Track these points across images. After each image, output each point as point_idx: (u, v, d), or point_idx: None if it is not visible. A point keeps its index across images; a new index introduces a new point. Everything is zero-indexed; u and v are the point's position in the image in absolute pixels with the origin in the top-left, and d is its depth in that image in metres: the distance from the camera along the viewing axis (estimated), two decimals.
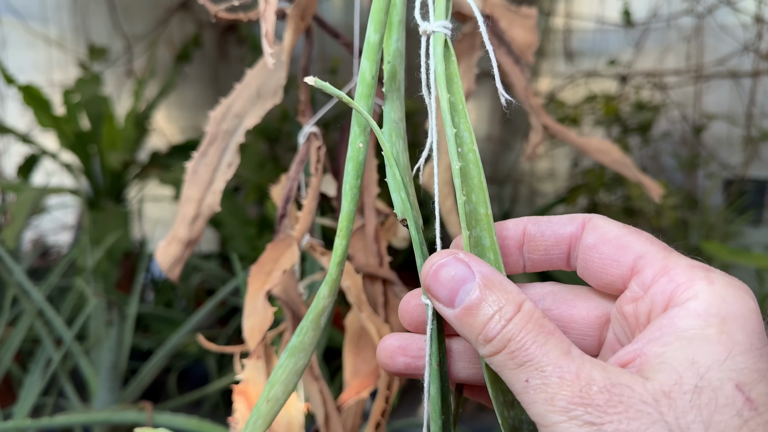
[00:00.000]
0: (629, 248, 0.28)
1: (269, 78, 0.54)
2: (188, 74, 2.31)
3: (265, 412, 0.32)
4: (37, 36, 2.15)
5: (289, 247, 0.53)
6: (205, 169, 0.55)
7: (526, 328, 0.25)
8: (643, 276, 0.27)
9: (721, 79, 2.24)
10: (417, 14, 0.31)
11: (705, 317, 0.24)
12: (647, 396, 0.23)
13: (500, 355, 0.25)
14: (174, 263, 0.57)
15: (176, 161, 2.07)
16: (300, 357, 0.33)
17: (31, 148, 1.98)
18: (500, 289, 0.26)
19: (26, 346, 1.51)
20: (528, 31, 0.69)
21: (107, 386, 1.13)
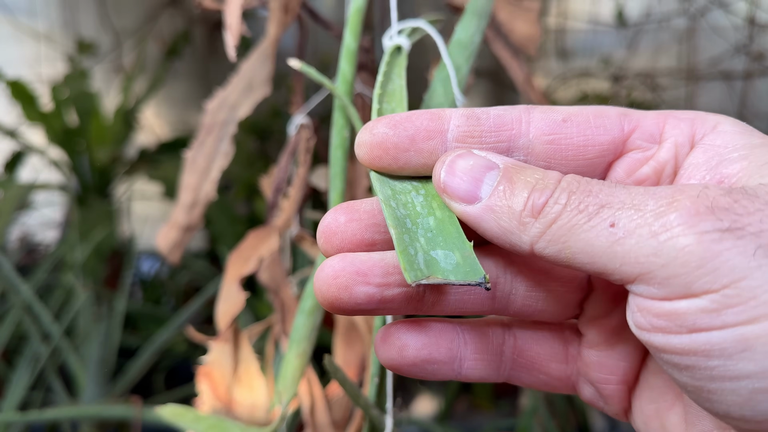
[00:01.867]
0: (606, 111, 0.24)
1: (260, 69, 0.54)
2: (178, 70, 2.30)
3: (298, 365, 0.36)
4: (25, 30, 2.13)
5: (269, 235, 0.52)
6: (203, 158, 0.55)
7: (584, 181, 0.21)
8: (644, 129, 0.24)
9: (713, 80, 2.24)
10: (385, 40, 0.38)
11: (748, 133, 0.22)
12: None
13: (563, 218, 0.20)
14: (174, 247, 0.58)
15: (165, 158, 2.05)
16: (316, 315, 0.37)
17: (18, 143, 1.96)
18: (532, 168, 0.22)
19: (12, 343, 1.49)
20: (530, 23, 0.68)
21: (95, 381, 1.11)
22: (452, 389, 1.45)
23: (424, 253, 0.22)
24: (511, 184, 0.21)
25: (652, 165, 0.24)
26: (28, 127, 1.99)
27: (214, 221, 1.84)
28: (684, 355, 0.19)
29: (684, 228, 0.18)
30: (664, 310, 0.19)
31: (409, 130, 0.24)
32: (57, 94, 1.96)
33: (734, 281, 0.18)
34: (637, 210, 0.19)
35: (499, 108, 0.25)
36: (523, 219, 0.21)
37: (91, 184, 2.04)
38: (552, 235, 0.20)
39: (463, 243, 0.22)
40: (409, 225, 0.23)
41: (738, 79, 2.20)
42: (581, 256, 0.20)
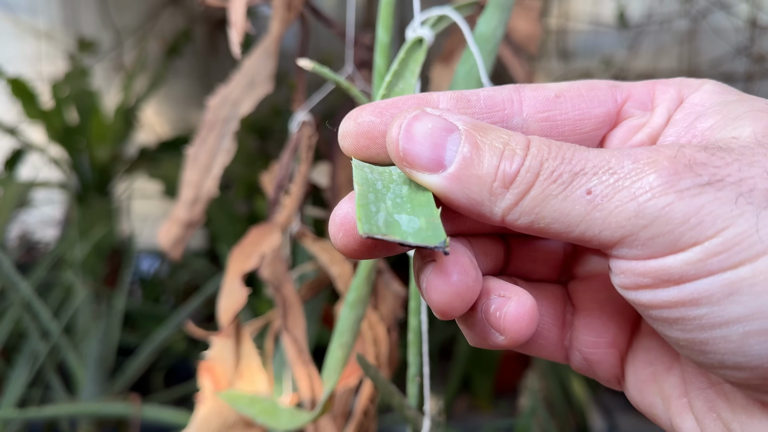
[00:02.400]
0: (597, 84, 0.24)
1: (262, 66, 0.54)
2: (178, 68, 2.29)
3: (340, 356, 0.37)
4: (26, 28, 2.13)
5: (271, 231, 0.52)
6: (205, 155, 0.55)
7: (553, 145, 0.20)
8: (636, 98, 0.24)
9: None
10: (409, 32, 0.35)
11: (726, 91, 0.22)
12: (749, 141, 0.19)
13: (536, 187, 0.19)
14: (175, 243, 0.58)
15: (165, 157, 2.05)
16: (359, 308, 0.36)
17: (18, 141, 1.96)
18: (496, 129, 0.21)
19: (11, 341, 1.49)
20: (530, 22, 0.68)
21: (94, 379, 1.11)
22: (452, 389, 1.44)
23: (387, 214, 0.20)
24: (477, 149, 0.20)
25: (647, 131, 0.23)
26: (29, 125, 1.99)
27: (214, 220, 1.84)
28: (672, 308, 0.19)
29: (664, 187, 0.18)
30: (649, 268, 0.19)
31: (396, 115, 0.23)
32: (57, 92, 1.96)
33: (718, 231, 0.18)
34: (612, 173, 0.19)
35: (488, 89, 0.24)
36: (494, 189, 0.20)
37: (91, 183, 2.04)
38: (525, 206, 0.19)
39: (431, 210, 0.20)
40: (379, 187, 0.22)
41: (739, 81, 2.20)
42: (557, 225, 0.19)
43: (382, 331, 0.48)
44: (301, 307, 0.51)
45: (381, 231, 0.19)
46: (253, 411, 0.43)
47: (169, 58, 2.17)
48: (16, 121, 2.02)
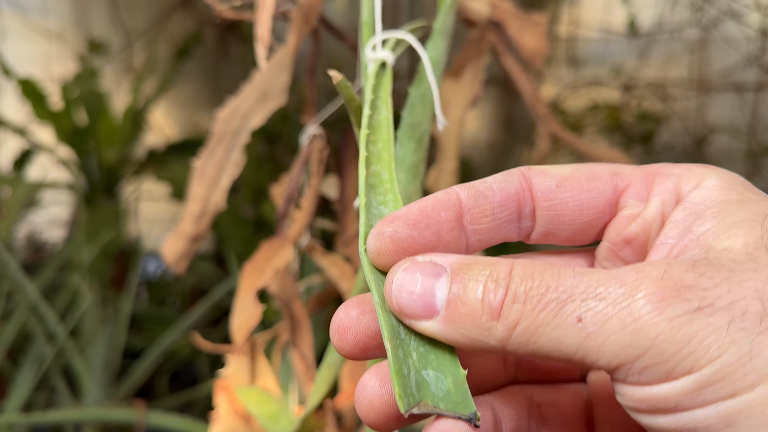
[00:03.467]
0: (599, 173, 0.24)
1: (275, 79, 0.54)
2: (188, 71, 2.30)
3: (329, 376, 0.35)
4: (37, 29, 2.13)
5: (283, 246, 0.52)
6: (212, 168, 0.55)
7: (537, 271, 0.20)
8: (634, 188, 0.24)
9: (724, 92, 2.23)
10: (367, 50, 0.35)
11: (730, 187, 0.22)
12: (740, 256, 0.19)
13: (525, 319, 0.19)
14: (180, 257, 0.57)
15: (173, 159, 2.05)
16: None
17: (26, 142, 1.97)
18: (478, 263, 0.21)
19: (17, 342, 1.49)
20: (538, 38, 0.69)
21: (100, 384, 1.11)
22: None
23: (416, 372, 0.21)
24: (463, 287, 0.21)
25: (639, 223, 0.24)
26: (38, 126, 1.99)
27: (220, 224, 1.84)
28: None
29: (653, 315, 0.18)
30: (646, 395, 0.19)
31: (432, 227, 0.24)
32: (67, 93, 1.96)
33: (711, 360, 0.17)
34: (601, 299, 0.18)
35: (499, 179, 0.25)
36: (484, 324, 0.20)
37: (98, 184, 2.04)
38: (519, 337, 0.19)
39: (456, 368, 0.21)
40: (402, 335, 0.22)
41: (750, 90, 2.19)
42: (557, 353, 0.19)
43: None
44: (309, 323, 0.51)
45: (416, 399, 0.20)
46: (259, 411, 0.43)
47: (179, 60, 2.18)
48: (25, 122, 2.03)
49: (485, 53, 0.64)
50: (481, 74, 0.64)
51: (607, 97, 2.27)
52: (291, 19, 0.52)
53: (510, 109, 2.50)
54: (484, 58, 0.64)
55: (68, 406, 1.14)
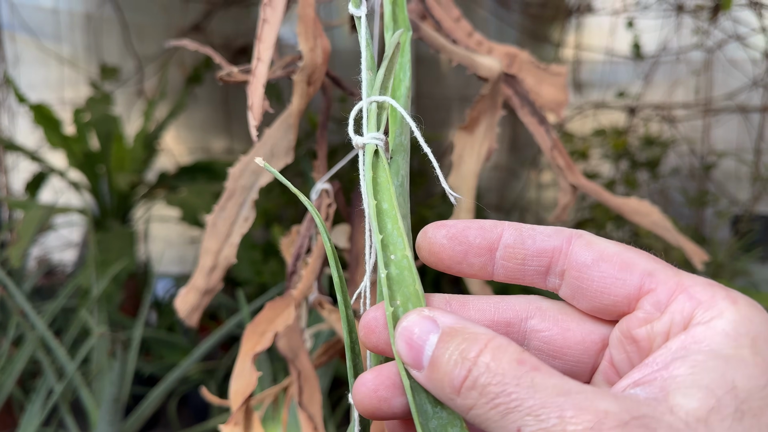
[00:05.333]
0: (634, 265, 0.25)
1: (281, 139, 0.55)
2: (198, 96, 2.32)
3: None
4: (50, 54, 2.17)
5: (286, 307, 0.53)
6: (223, 223, 0.56)
7: (501, 366, 0.21)
8: (656, 294, 0.24)
9: (729, 114, 2.24)
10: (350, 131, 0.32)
11: (735, 337, 0.22)
12: (678, 423, 0.20)
13: (478, 408, 0.21)
14: (192, 311, 0.58)
15: (183, 182, 2.07)
16: None
17: (39, 165, 1.99)
18: (463, 332, 0.23)
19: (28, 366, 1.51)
20: (558, 89, 0.68)
21: (108, 419, 1.12)
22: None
23: None
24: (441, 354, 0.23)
25: (647, 330, 0.24)
26: (50, 149, 2.02)
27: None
28: None
29: None
30: None
31: (464, 245, 0.27)
32: (79, 118, 1.99)
33: None
34: (539, 421, 0.20)
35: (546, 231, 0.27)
36: (449, 395, 0.22)
37: (109, 207, 2.07)
38: (474, 418, 0.22)
39: None
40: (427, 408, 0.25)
41: (755, 112, 2.20)
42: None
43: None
44: (317, 381, 0.52)
45: None
46: None
47: (190, 85, 2.21)
48: (37, 146, 2.05)
49: (500, 106, 0.63)
50: (495, 127, 0.64)
51: (612, 119, 2.28)
52: (294, 81, 0.53)
53: (515, 132, 2.51)
54: (499, 111, 0.64)
55: None
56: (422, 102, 2.48)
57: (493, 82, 0.61)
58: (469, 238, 0.27)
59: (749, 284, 1.82)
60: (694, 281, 0.24)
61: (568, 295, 0.27)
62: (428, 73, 2.46)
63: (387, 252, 0.27)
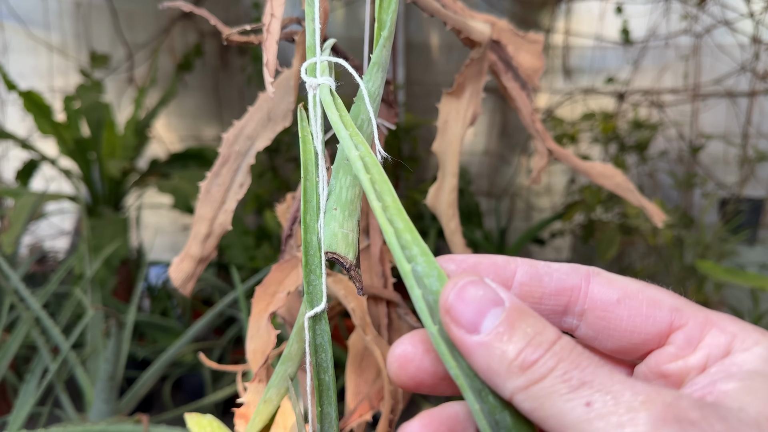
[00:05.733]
0: (661, 302, 0.25)
1: (279, 102, 0.55)
2: (189, 83, 2.32)
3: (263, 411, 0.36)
4: (39, 42, 2.16)
5: (294, 268, 0.53)
6: (217, 189, 0.55)
7: (576, 351, 0.21)
8: (688, 330, 0.24)
9: (717, 99, 2.26)
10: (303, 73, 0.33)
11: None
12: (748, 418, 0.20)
13: (547, 381, 0.21)
14: (186, 279, 0.58)
15: (175, 169, 2.07)
16: (288, 365, 0.35)
17: (30, 153, 1.99)
18: (534, 318, 0.22)
19: (21, 351, 1.51)
20: (535, 56, 0.69)
21: (103, 397, 1.12)
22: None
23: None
24: (511, 329, 0.22)
25: (680, 365, 0.24)
26: (41, 137, 2.01)
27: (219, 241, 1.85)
28: None
29: (648, 428, 0.19)
30: None
31: None
32: (69, 106, 1.98)
33: None
34: (613, 397, 0.20)
35: (563, 269, 0.26)
36: (510, 368, 0.21)
37: (101, 195, 2.06)
38: (533, 392, 0.21)
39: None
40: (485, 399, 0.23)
41: (743, 97, 2.22)
42: (553, 421, 0.21)
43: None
44: None
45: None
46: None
47: (180, 72, 2.20)
48: (28, 134, 2.05)
49: (485, 72, 0.64)
50: (480, 93, 0.65)
51: (601, 105, 2.30)
52: (296, 42, 0.53)
53: (506, 118, 2.52)
54: (484, 77, 0.64)
55: (72, 420, 1.16)
56: (412, 89, 2.48)
57: (484, 47, 0.61)
58: (481, 273, 0.25)
59: (736, 266, 1.84)
60: (720, 316, 0.24)
61: (589, 336, 0.26)
62: (418, 60, 2.47)
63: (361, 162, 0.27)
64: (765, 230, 2.22)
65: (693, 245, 1.81)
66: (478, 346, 0.22)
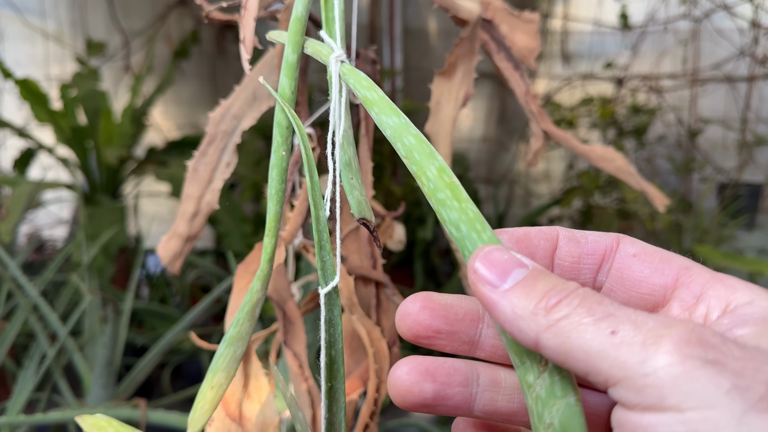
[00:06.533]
0: (673, 261, 0.26)
1: (265, 80, 0.55)
2: (185, 70, 2.31)
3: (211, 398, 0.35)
4: (35, 30, 2.15)
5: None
6: (204, 168, 0.55)
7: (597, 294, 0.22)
8: (692, 286, 0.26)
9: (716, 84, 2.25)
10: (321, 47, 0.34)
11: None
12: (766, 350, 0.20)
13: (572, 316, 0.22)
14: (174, 257, 0.58)
15: (172, 157, 2.07)
16: (238, 346, 0.34)
17: (27, 142, 1.98)
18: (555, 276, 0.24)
19: (20, 340, 1.52)
20: (530, 36, 0.68)
21: (101, 382, 1.13)
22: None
23: None
24: (534, 281, 0.23)
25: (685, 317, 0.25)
26: (38, 126, 2.01)
27: (220, 220, 1.86)
28: None
29: (672, 347, 0.20)
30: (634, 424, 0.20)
31: (530, 248, 0.28)
32: (66, 94, 1.98)
33: (701, 407, 0.19)
34: (637, 326, 0.21)
35: (596, 233, 0.29)
36: (535, 310, 0.22)
37: (99, 183, 2.06)
38: (558, 328, 0.22)
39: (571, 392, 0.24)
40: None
41: (741, 81, 2.21)
42: (578, 353, 0.21)
43: (383, 347, 0.50)
44: (302, 323, 0.53)
45: None
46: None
47: (177, 60, 2.19)
48: (25, 122, 2.04)
49: (477, 52, 0.63)
50: (472, 73, 0.64)
51: (600, 90, 2.29)
52: (279, 20, 0.52)
53: (504, 104, 2.52)
54: (476, 57, 0.64)
55: (70, 406, 1.16)
56: (410, 75, 2.47)
57: (472, 25, 0.61)
58: (533, 241, 0.28)
59: (735, 250, 1.84)
60: (727, 276, 0.25)
61: (607, 289, 0.28)
62: (416, 46, 2.46)
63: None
64: (763, 215, 2.21)
65: (691, 230, 1.81)
66: (503, 296, 0.23)
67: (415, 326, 0.27)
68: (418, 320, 0.27)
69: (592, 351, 0.21)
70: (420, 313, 0.27)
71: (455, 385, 0.28)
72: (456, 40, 0.65)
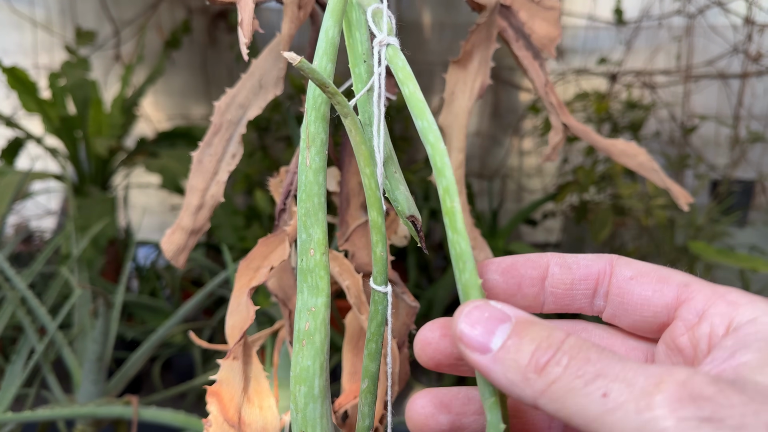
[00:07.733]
0: (670, 278, 0.26)
1: (271, 69, 0.53)
2: (177, 60, 2.28)
3: None
4: (23, 18, 2.11)
5: (280, 243, 0.51)
6: (209, 159, 0.54)
7: (584, 347, 0.22)
8: (694, 303, 0.25)
9: (710, 80, 2.25)
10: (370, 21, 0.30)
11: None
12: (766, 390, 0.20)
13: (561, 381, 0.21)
14: (178, 251, 0.56)
15: (163, 148, 2.04)
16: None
17: (15, 131, 1.95)
18: (540, 325, 0.23)
19: (8, 333, 1.49)
20: (550, 23, 0.66)
21: (91, 378, 1.11)
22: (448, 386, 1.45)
23: None
24: (520, 338, 0.23)
25: (689, 337, 0.25)
26: (26, 115, 1.98)
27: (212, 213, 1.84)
28: None
29: (666, 411, 0.19)
30: None
31: (516, 278, 0.28)
32: (55, 83, 1.95)
33: None
34: (627, 385, 0.20)
35: (588, 257, 0.28)
36: (527, 374, 0.22)
37: (88, 174, 2.03)
38: (552, 394, 0.22)
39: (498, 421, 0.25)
40: None
41: (735, 78, 2.21)
42: (577, 419, 0.21)
43: (393, 347, 0.49)
44: None
45: None
46: None
47: (168, 49, 2.16)
48: (13, 111, 2.01)
49: (494, 39, 0.61)
50: (489, 61, 0.62)
51: (594, 85, 2.28)
52: (284, 4, 0.51)
53: (497, 98, 2.50)
54: (493, 45, 0.61)
55: (60, 401, 1.14)
56: None
57: (489, 10, 0.58)
58: (520, 270, 0.28)
59: (727, 247, 1.84)
60: (728, 290, 0.25)
61: (610, 315, 0.28)
62: (411, 39, 2.44)
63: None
64: (756, 212, 2.22)
65: (685, 226, 1.81)
66: (493, 363, 0.23)
67: (437, 355, 0.27)
68: (439, 349, 0.27)
69: (589, 417, 0.21)
70: (441, 341, 0.27)
71: (470, 414, 0.28)
72: (472, 26, 0.63)
